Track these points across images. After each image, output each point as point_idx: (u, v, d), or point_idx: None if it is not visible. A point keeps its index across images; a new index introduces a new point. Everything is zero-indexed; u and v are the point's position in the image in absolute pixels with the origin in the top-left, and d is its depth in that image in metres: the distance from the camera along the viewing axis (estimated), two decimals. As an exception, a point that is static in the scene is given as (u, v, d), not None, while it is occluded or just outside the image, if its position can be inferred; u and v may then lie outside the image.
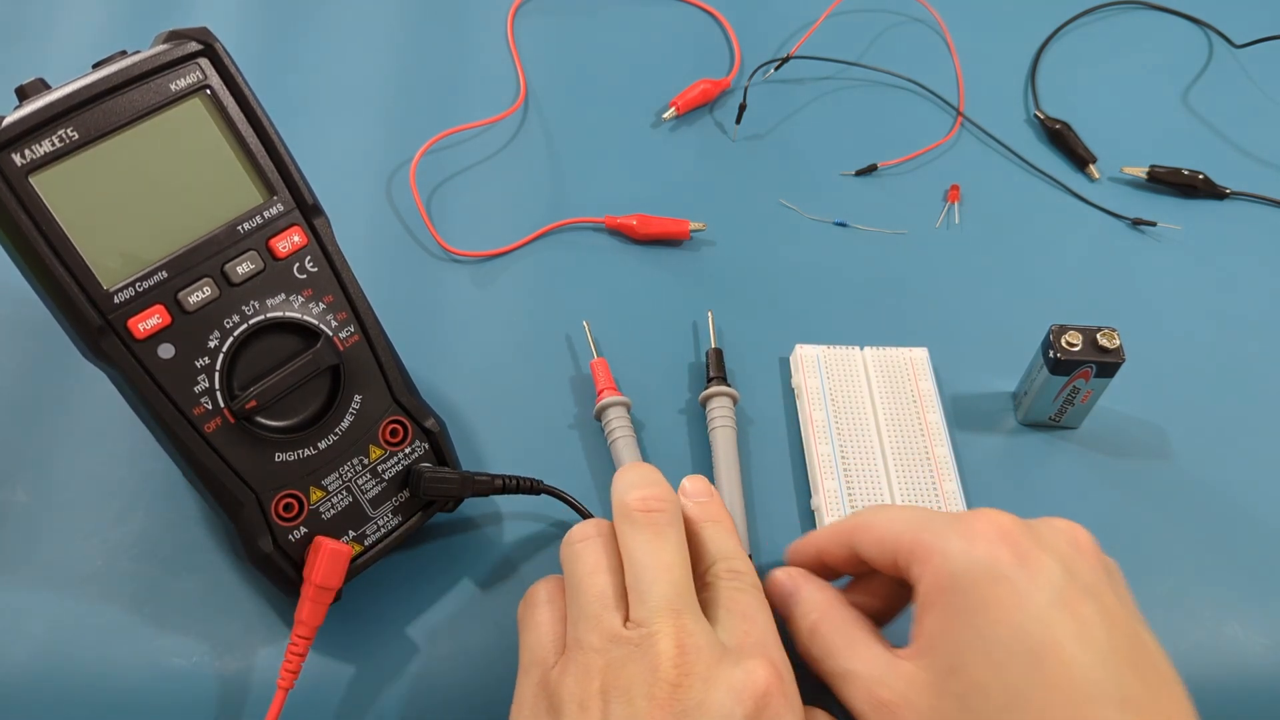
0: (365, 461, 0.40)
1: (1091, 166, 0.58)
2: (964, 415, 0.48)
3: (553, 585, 0.37)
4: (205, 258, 0.36)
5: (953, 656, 0.31)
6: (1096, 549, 0.34)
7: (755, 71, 0.60)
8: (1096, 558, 0.33)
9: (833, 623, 0.36)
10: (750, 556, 0.43)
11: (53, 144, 0.33)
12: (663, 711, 0.31)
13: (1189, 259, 0.55)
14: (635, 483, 0.37)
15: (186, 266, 0.36)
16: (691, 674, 0.32)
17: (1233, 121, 0.61)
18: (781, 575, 0.38)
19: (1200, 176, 0.57)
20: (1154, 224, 0.56)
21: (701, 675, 0.32)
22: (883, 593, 0.38)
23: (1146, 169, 0.57)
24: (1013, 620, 0.30)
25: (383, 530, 0.41)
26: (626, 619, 0.34)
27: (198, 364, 0.36)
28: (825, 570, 0.39)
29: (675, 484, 0.38)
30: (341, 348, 0.39)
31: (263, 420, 0.38)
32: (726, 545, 0.37)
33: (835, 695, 0.35)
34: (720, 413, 0.46)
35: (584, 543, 0.36)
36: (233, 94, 0.37)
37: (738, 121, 0.57)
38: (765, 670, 0.32)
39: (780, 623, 0.36)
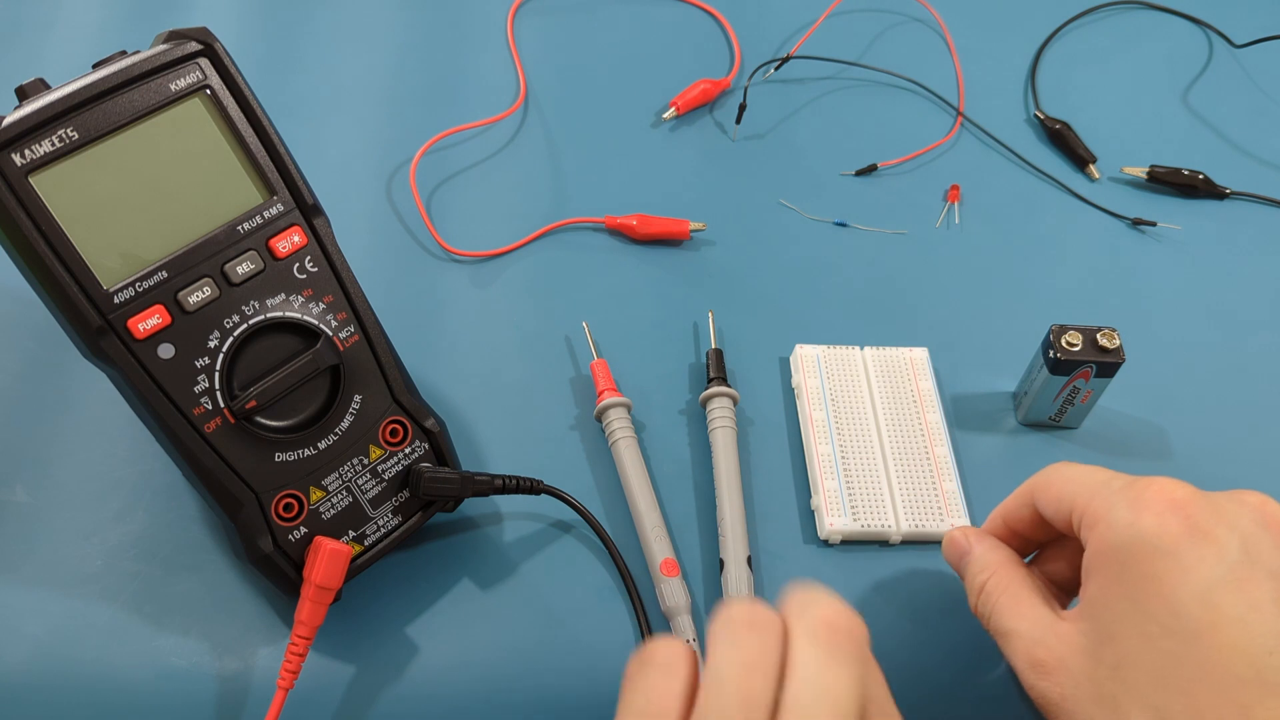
0: (365, 461, 0.40)
1: (1091, 166, 0.58)
2: (964, 415, 0.48)
3: (676, 650, 0.30)
4: (205, 258, 0.36)
5: (1109, 625, 0.31)
6: None
7: (755, 71, 0.60)
8: None
9: (1001, 582, 0.35)
10: (749, 560, 0.43)
11: (53, 144, 0.33)
12: None
13: (1189, 259, 0.55)
14: (825, 600, 0.31)
15: (186, 266, 0.36)
16: None
17: (1233, 121, 0.61)
18: (958, 534, 0.38)
19: (1200, 176, 0.57)
20: (1154, 224, 0.56)
21: None
22: (1074, 559, 0.36)
23: (1146, 169, 0.57)
24: (1172, 596, 0.29)
25: (383, 530, 0.41)
26: None
27: (198, 364, 0.36)
28: (1013, 535, 0.38)
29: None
30: (341, 348, 0.39)
31: (263, 420, 0.38)
32: (879, 692, 0.31)
33: (1002, 652, 0.35)
34: (720, 413, 0.46)
35: (751, 631, 0.29)
36: (233, 94, 0.37)
37: (738, 121, 0.57)
38: None
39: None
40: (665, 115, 0.59)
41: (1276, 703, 0.28)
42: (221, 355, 0.37)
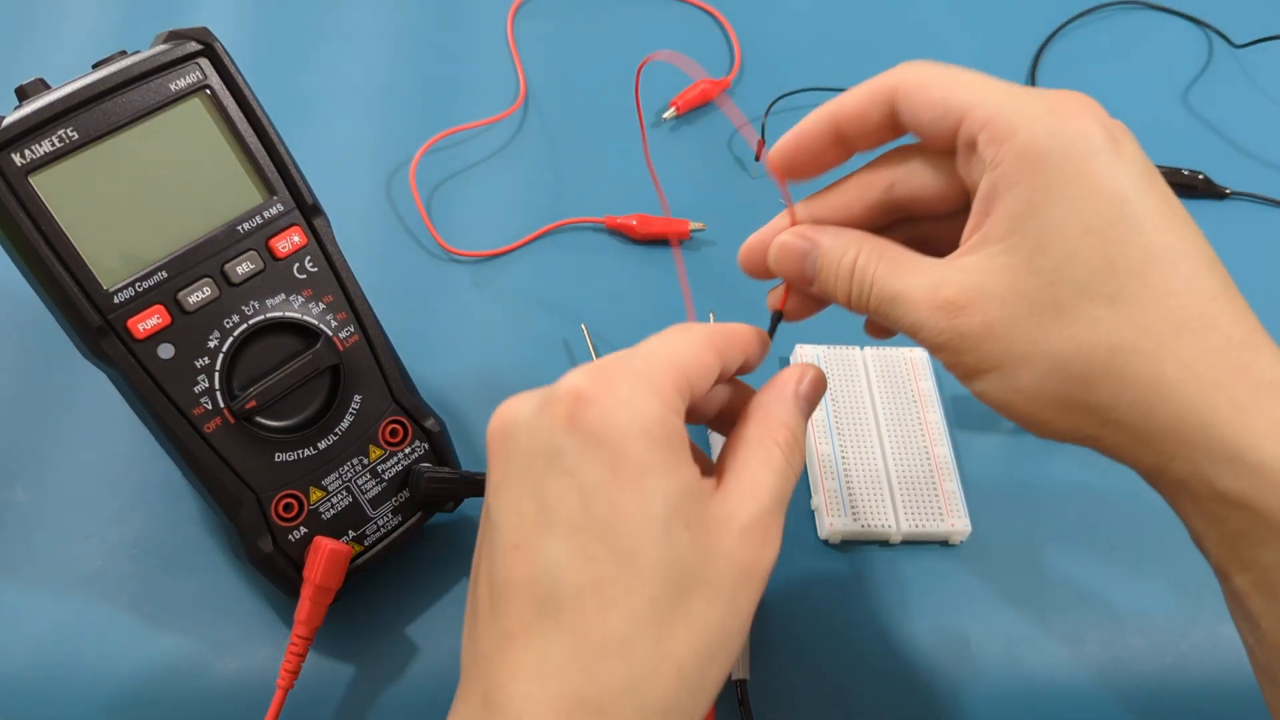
0: (365, 461, 0.40)
1: (1091, 166, 0.58)
2: (964, 415, 0.48)
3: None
4: (205, 258, 0.36)
5: (1041, 232, 0.29)
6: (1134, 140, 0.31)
7: (775, 103, 0.59)
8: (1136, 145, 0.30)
9: (871, 252, 0.32)
10: None
11: (53, 144, 0.33)
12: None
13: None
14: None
15: (186, 266, 0.36)
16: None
17: (1233, 121, 0.61)
18: (789, 236, 0.33)
19: (1200, 176, 0.57)
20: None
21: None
22: (932, 185, 0.33)
23: (1146, 169, 0.57)
24: (1109, 189, 0.28)
25: (383, 530, 0.41)
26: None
27: (198, 364, 0.36)
28: (839, 140, 0.33)
29: None
30: (341, 348, 0.39)
31: (263, 420, 0.38)
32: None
33: (892, 327, 0.31)
34: (720, 413, 0.46)
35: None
36: (232, 94, 0.37)
37: (758, 158, 0.57)
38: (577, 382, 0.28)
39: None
40: (665, 115, 0.58)
41: (1208, 271, 0.29)
42: (221, 355, 0.37)
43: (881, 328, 0.34)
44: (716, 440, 0.43)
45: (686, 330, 0.31)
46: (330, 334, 0.39)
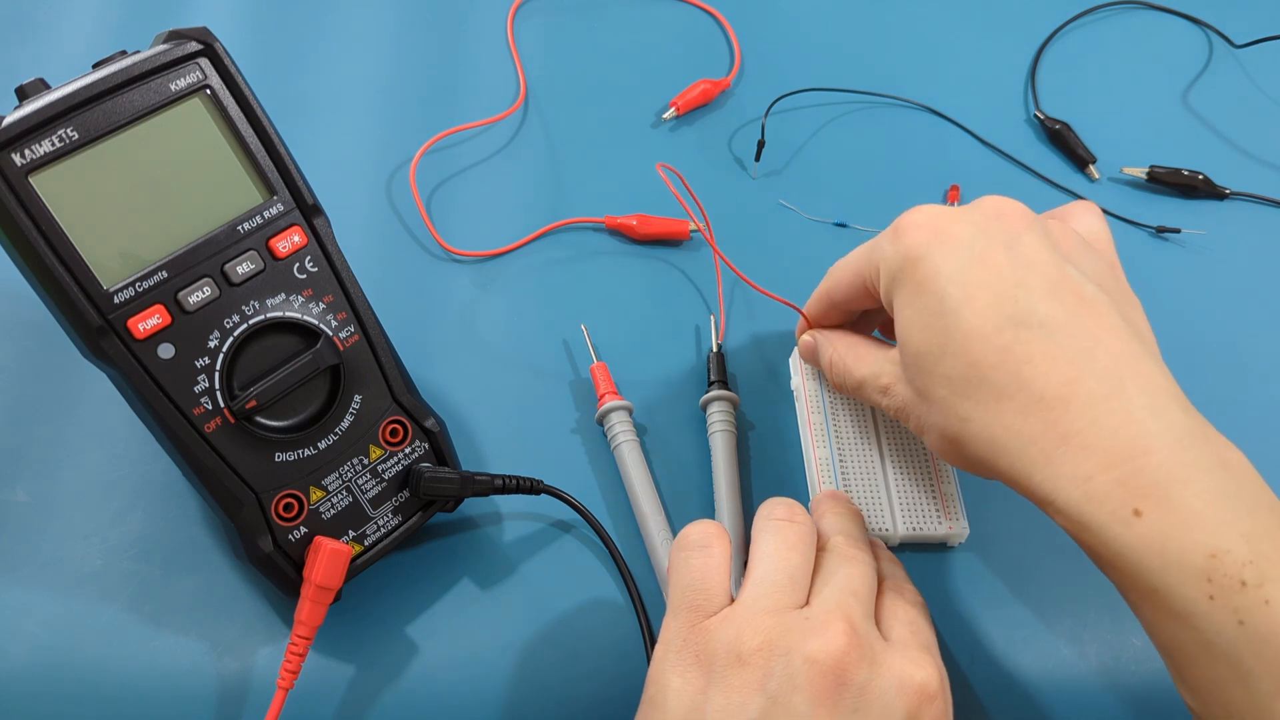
0: (365, 461, 0.40)
1: (1091, 167, 0.58)
2: (964, 415, 0.48)
3: (707, 530, 0.38)
4: (205, 258, 0.36)
5: (905, 334, 0.36)
6: (1024, 212, 0.37)
7: (775, 102, 0.60)
8: (1021, 219, 0.36)
9: (841, 350, 0.42)
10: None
11: (53, 144, 0.33)
12: (825, 679, 0.32)
13: (1188, 259, 0.55)
14: (845, 517, 0.41)
15: (186, 266, 0.36)
16: (861, 655, 0.33)
17: (1233, 121, 0.61)
18: (805, 337, 0.45)
19: (1200, 176, 0.57)
20: (1178, 230, 0.55)
21: (870, 659, 0.33)
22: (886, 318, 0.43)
23: (1146, 169, 0.57)
24: (935, 286, 0.35)
25: (383, 530, 0.41)
26: (804, 606, 0.35)
27: (198, 364, 0.36)
28: (834, 310, 0.44)
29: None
30: (341, 348, 0.39)
31: (263, 420, 0.38)
32: (896, 570, 0.40)
33: (865, 403, 0.41)
34: (719, 417, 0.46)
35: (789, 524, 0.38)
36: (233, 94, 0.37)
37: (757, 159, 0.57)
38: (936, 674, 0.34)
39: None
40: (665, 115, 0.58)
41: (1028, 333, 0.34)
42: (221, 355, 0.37)
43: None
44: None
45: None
46: (330, 334, 0.39)
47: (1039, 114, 0.60)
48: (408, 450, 0.41)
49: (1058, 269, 0.35)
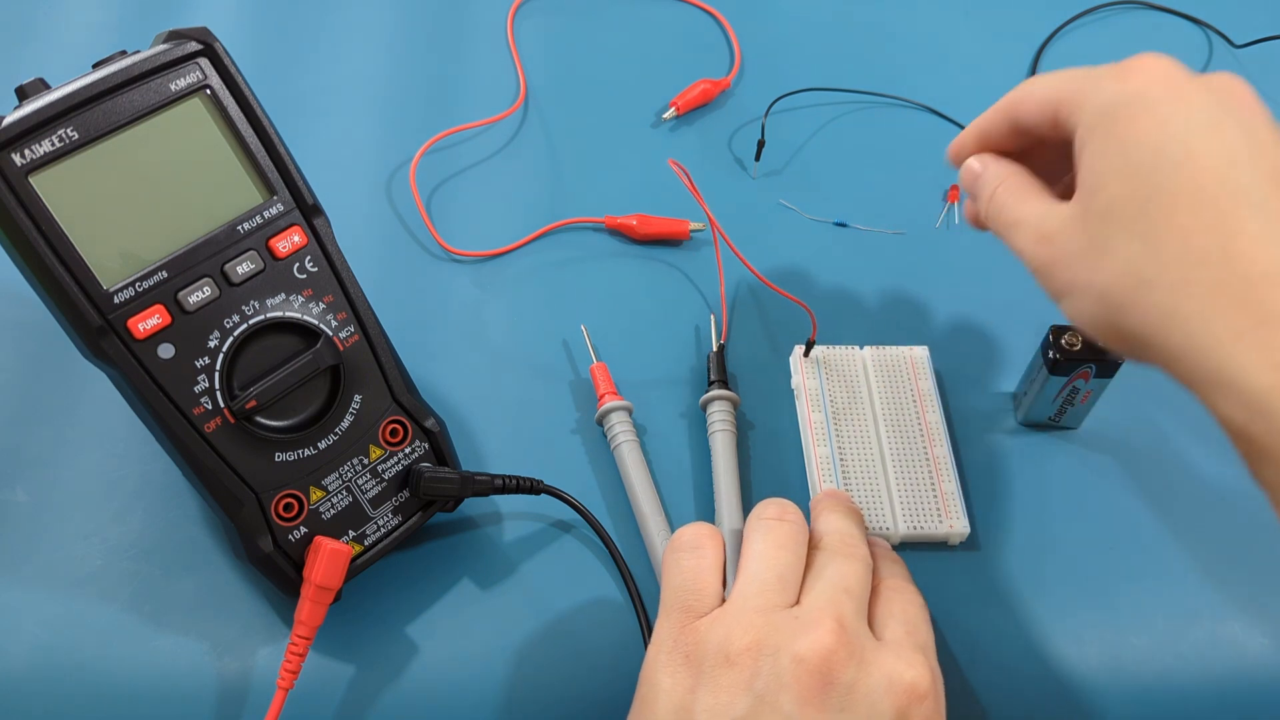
0: (365, 461, 0.40)
1: (1092, 166, 0.58)
2: (964, 415, 0.48)
3: (700, 531, 0.38)
4: (205, 258, 0.36)
5: (1099, 179, 0.33)
6: (1257, 96, 0.34)
7: (775, 102, 0.59)
8: (1257, 103, 0.34)
9: (1009, 185, 0.38)
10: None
11: (53, 144, 0.33)
12: (811, 678, 0.32)
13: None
14: (842, 516, 0.40)
15: (186, 266, 0.36)
16: (850, 653, 0.33)
17: (1233, 121, 0.61)
18: (973, 161, 0.40)
19: (1201, 176, 0.57)
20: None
21: (859, 657, 0.33)
22: (1046, 167, 0.39)
23: (1146, 169, 0.57)
24: (1156, 138, 0.32)
25: (383, 530, 0.41)
26: (794, 604, 0.35)
27: (198, 364, 0.36)
28: (988, 149, 0.41)
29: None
30: (341, 348, 0.39)
31: (263, 420, 0.38)
32: (898, 569, 0.40)
33: (1011, 247, 0.37)
34: (719, 417, 0.46)
35: (779, 522, 0.38)
36: (233, 94, 0.37)
37: (757, 159, 0.57)
38: (927, 674, 0.34)
39: None
40: (665, 115, 0.58)
41: (1247, 210, 0.31)
42: (221, 355, 0.37)
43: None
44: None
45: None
46: (330, 334, 0.39)
47: (1039, 114, 0.60)
48: (408, 450, 0.41)
49: None
